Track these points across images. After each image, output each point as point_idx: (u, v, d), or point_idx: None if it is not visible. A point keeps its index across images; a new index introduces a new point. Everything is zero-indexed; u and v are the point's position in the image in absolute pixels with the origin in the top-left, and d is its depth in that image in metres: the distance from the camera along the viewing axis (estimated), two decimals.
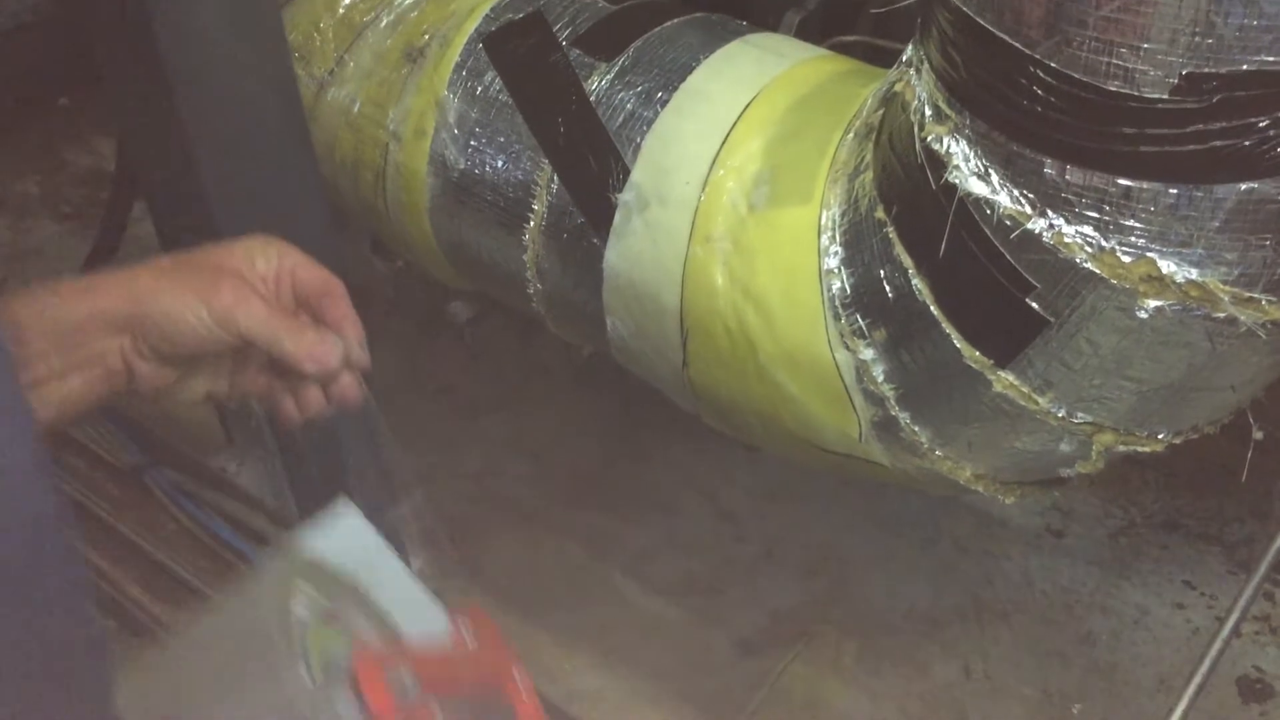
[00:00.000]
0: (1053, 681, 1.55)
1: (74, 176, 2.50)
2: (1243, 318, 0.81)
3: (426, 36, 1.33)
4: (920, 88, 0.91)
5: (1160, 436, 0.95)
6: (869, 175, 1.00)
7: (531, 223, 1.24)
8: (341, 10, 1.40)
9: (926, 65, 0.91)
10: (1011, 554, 1.70)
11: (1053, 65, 0.78)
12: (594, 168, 1.18)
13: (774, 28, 1.47)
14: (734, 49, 1.20)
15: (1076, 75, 0.77)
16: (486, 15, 1.30)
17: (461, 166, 1.27)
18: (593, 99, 1.20)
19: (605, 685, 1.58)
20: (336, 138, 1.39)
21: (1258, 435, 0.95)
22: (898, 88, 0.96)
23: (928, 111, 0.90)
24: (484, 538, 1.77)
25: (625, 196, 1.16)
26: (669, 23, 1.24)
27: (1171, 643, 1.58)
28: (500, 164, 1.25)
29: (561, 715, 1.09)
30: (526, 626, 1.65)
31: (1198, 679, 0.84)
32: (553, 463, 1.89)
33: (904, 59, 0.97)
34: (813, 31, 1.54)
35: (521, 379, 2.03)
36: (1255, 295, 0.80)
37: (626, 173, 1.16)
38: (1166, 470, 1.78)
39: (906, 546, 1.73)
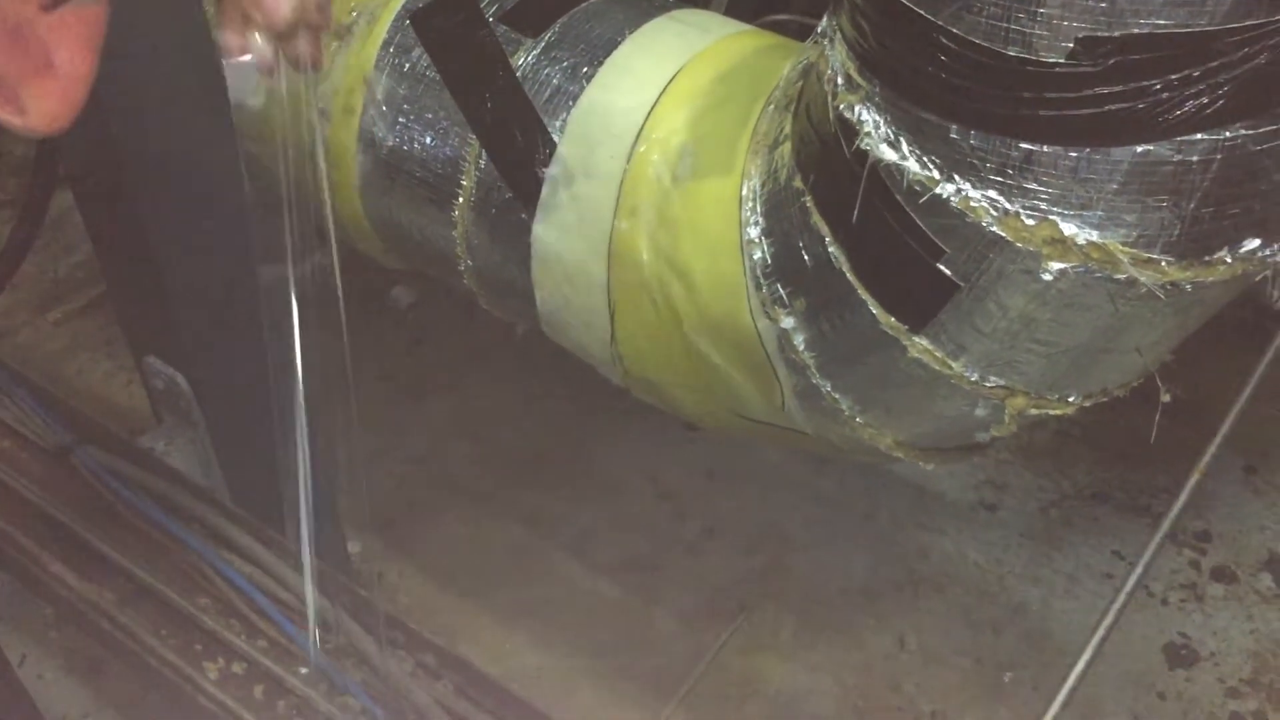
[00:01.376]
0: (985, 651, 1.58)
1: (10, 165, 2.47)
2: (1143, 279, 0.82)
3: (354, 13, 1.32)
4: (834, 58, 0.93)
5: (1070, 399, 0.97)
6: (788, 146, 1.01)
7: (460, 199, 1.24)
8: None
9: (839, 36, 0.92)
10: (946, 528, 1.73)
11: (955, 32, 0.79)
12: (521, 143, 1.19)
13: (705, 5, 1.48)
14: (659, 24, 1.21)
15: (978, 41, 0.78)
16: None
17: (390, 144, 1.27)
18: (519, 74, 1.20)
19: (545, 663, 1.59)
20: (266, 116, 1.38)
21: (1165, 398, 0.97)
22: (813, 59, 0.98)
23: (840, 81, 0.91)
24: (427, 518, 1.78)
25: (552, 171, 1.16)
26: None
27: (1100, 611, 1.61)
28: (429, 140, 1.25)
29: (502, 693, 1.09)
30: (468, 605, 1.66)
31: (1101, 631, 0.86)
32: (495, 444, 1.89)
33: (819, 30, 0.98)
34: (745, 9, 1.55)
35: (463, 362, 2.03)
36: (1154, 256, 0.82)
37: (553, 147, 1.17)
38: (1097, 444, 1.81)
39: (844, 522, 1.75)
